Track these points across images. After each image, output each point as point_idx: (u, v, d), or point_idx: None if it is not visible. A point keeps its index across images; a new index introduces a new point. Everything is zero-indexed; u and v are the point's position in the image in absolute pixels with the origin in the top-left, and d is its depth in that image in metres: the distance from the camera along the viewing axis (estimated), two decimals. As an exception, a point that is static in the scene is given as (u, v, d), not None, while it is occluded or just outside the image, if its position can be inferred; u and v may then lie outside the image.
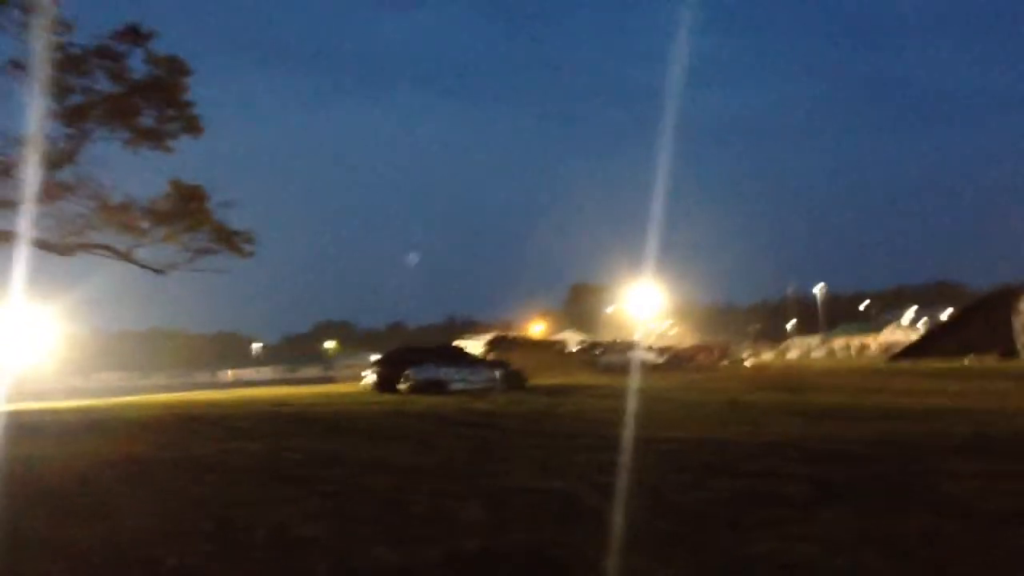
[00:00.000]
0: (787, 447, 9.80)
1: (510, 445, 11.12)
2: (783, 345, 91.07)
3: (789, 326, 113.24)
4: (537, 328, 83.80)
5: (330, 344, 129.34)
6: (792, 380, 27.06)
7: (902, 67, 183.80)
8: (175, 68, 23.03)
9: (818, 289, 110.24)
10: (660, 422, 13.25)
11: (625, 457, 9.44)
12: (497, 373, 25.22)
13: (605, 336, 61.90)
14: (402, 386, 24.18)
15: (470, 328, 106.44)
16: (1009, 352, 34.79)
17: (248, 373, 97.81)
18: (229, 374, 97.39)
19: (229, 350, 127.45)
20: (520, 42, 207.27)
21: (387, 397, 22.56)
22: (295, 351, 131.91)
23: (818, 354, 76.53)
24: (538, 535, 5.76)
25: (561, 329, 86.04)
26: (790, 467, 8.20)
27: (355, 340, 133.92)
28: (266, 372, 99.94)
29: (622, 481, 7.84)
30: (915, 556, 4.97)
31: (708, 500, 6.83)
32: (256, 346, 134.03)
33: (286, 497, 7.71)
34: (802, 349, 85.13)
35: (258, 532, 6.15)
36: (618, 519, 6.22)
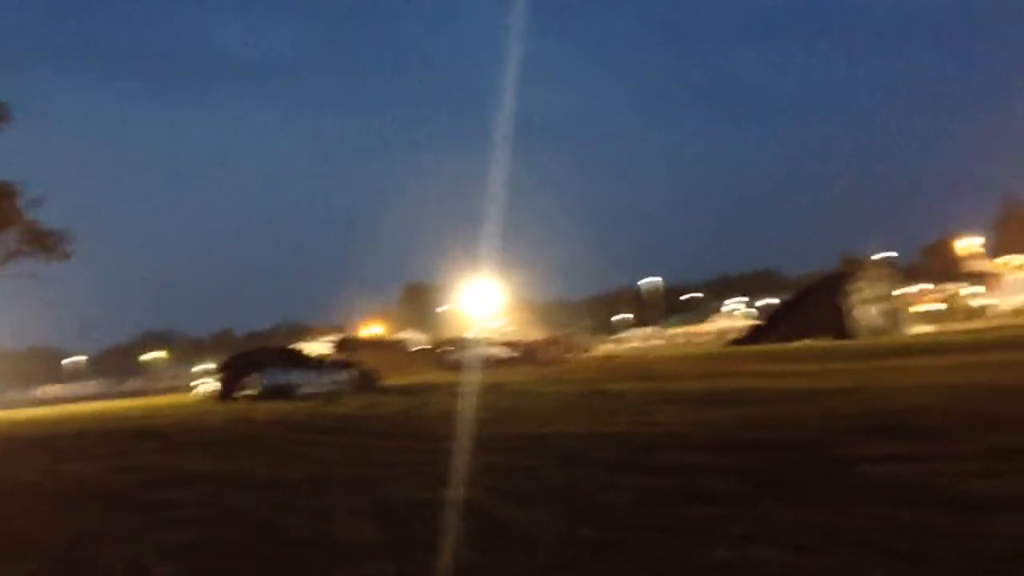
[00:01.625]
0: (683, 437, 9.23)
1: (382, 451, 10.11)
2: (619, 336, 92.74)
3: (619, 318, 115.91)
4: (374, 329, 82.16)
5: (155, 354, 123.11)
6: (644, 369, 27.05)
7: (732, 67, 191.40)
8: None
9: (651, 281, 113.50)
10: (537, 417, 12.54)
11: (518, 457, 8.64)
12: (347, 374, 23.94)
13: (442, 334, 61.08)
14: (246, 393, 22.57)
15: (303, 332, 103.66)
16: (843, 331, 36.22)
17: (69, 388, 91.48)
18: (48, 390, 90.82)
19: (45, 365, 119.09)
20: (348, 43, 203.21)
21: (230, 406, 20.91)
22: (117, 363, 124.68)
23: (655, 343, 78.15)
24: (458, 559, 4.86)
25: (397, 329, 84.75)
26: (700, 458, 7.58)
27: (182, 349, 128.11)
28: (89, 387, 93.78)
29: (525, 485, 7.03)
30: (905, 552, 4.35)
31: (631, 501, 6.10)
32: (74, 359, 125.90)
33: (136, 526, 6.50)
34: (639, 339, 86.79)
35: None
36: (538, 531, 5.40)
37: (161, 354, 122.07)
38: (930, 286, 61.55)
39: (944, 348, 26.06)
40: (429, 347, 42.82)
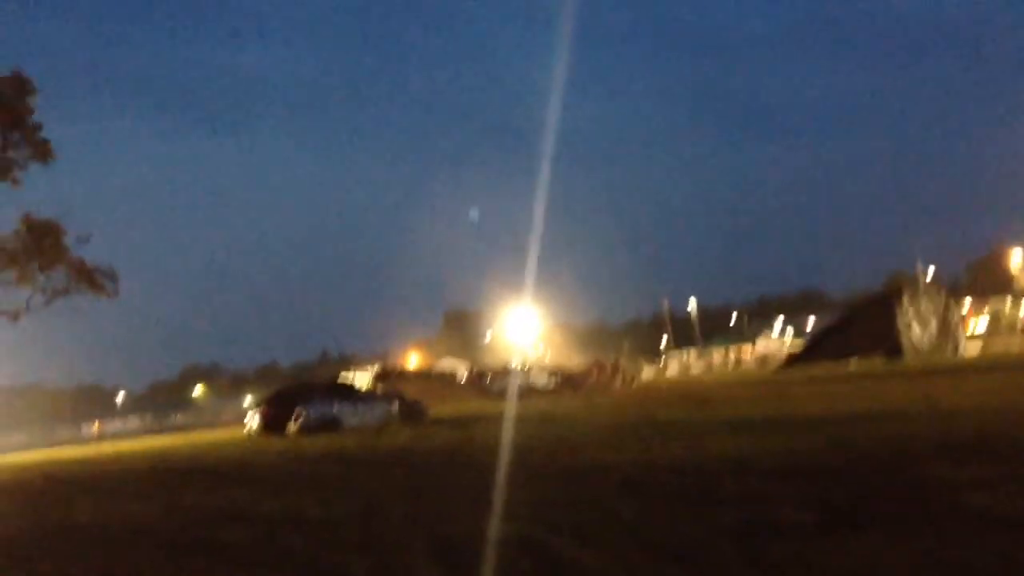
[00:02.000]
0: (749, 465, 8.84)
1: (437, 485, 9.83)
2: (660, 360, 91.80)
3: (663, 342, 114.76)
4: (414, 358, 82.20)
5: (199, 389, 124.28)
6: (693, 395, 26.60)
7: (768, 83, 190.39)
8: (19, 87, 20.57)
9: (691, 304, 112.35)
10: (591, 447, 12.19)
11: (578, 489, 8.32)
12: (394, 406, 23.72)
13: (484, 362, 60.84)
14: (291, 427, 22.40)
15: (346, 363, 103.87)
16: (894, 351, 35.41)
17: (115, 425, 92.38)
18: (95, 427, 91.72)
19: (93, 402, 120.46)
20: (387, 74, 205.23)
21: (277, 440, 20.76)
22: (163, 399, 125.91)
23: (696, 368, 77.28)
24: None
25: (438, 358, 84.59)
26: (773, 488, 7.20)
27: (226, 383, 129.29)
28: (134, 423, 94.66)
29: (591, 518, 6.71)
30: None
31: (711, 535, 5.75)
32: (121, 395, 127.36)
33: (194, 568, 6.28)
34: (680, 364, 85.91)
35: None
36: (616, 571, 5.09)
37: (205, 388, 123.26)
38: (981, 302, 60.16)
39: (1002, 367, 25.37)
40: (472, 376, 42.55)
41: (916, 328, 36.82)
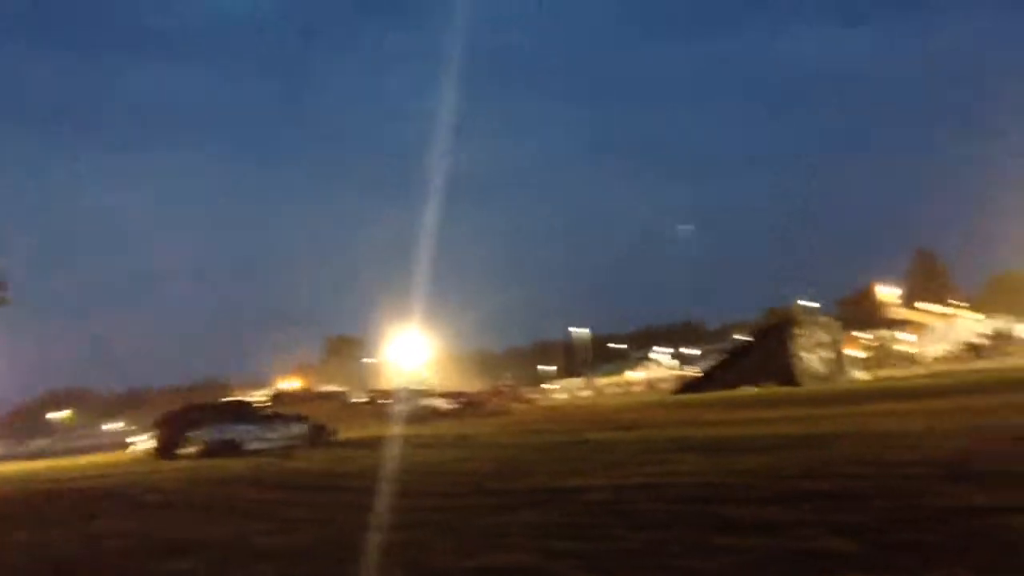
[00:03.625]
0: (730, 488, 8.34)
1: (387, 509, 8.95)
2: (547, 387, 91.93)
3: (545, 369, 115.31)
4: (294, 384, 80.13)
5: (63, 413, 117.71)
6: (604, 418, 26.25)
7: (652, 123, 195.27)
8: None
9: (577, 332, 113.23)
10: (541, 470, 11.52)
11: (559, 515, 7.63)
12: (300, 428, 22.46)
13: (367, 387, 59.44)
14: (188, 450, 20.91)
15: (221, 388, 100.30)
16: (787, 379, 36.02)
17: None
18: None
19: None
20: (275, 97, 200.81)
21: (174, 464, 19.25)
22: (22, 423, 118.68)
23: (585, 394, 77.58)
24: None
25: (320, 383, 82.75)
26: (778, 513, 6.67)
27: (94, 408, 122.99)
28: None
29: (598, 548, 6.05)
30: None
31: (739, 567, 5.16)
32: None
33: None
34: (568, 390, 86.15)
35: None
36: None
37: (68, 413, 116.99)
38: (859, 334, 62.38)
39: (902, 393, 25.89)
40: (368, 400, 41.31)
41: (810, 356, 37.63)
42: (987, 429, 11.75)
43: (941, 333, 57.13)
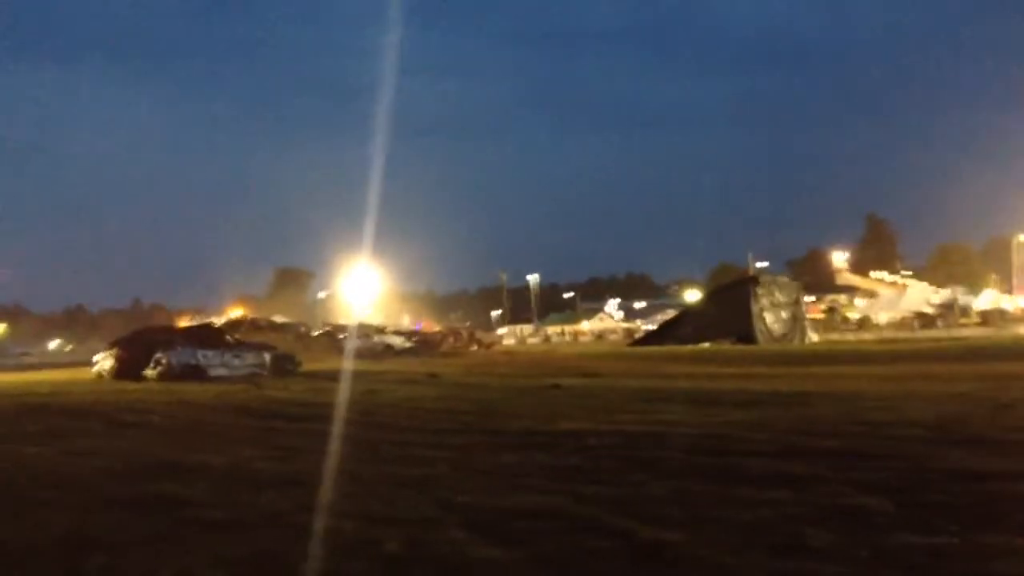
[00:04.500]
0: (729, 440, 8.32)
1: (390, 443, 8.76)
2: (496, 333, 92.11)
3: (495, 314, 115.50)
4: (235, 314, 79.33)
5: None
6: (566, 364, 26.35)
7: (616, 76, 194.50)
8: None
9: (531, 279, 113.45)
10: (527, 412, 11.44)
11: (569, 458, 7.55)
12: (265, 358, 22.15)
13: (316, 321, 58.98)
14: (150, 372, 20.49)
15: (162, 312, 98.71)
16: (745, 338, 36.40)
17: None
18: None
19: None
20: (222, 27, 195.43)
21: (139, 386, 18.86)
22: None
23: (533, 341, 77.87)
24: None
25: (266, 315, 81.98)
26: (800, 469, 6.64)
27: (30, 325, 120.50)
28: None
29: (619, 493, 5.98)
30: None
31: (778, 520, 5.12)
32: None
33: (154, 534, 5.13)
34: (517, 336, 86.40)
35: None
36: (717, 558, 4.39)
37: (6, 328, 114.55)
38: (808, 297, 63.25)
39: (862, 357, 26.37)
40: (323, 333, 40.92)
41: (769, 316, 38.03)
42: (967, 396, 11.91)
43: (890, 301, 58.12)
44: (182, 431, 10.28)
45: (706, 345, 35.69)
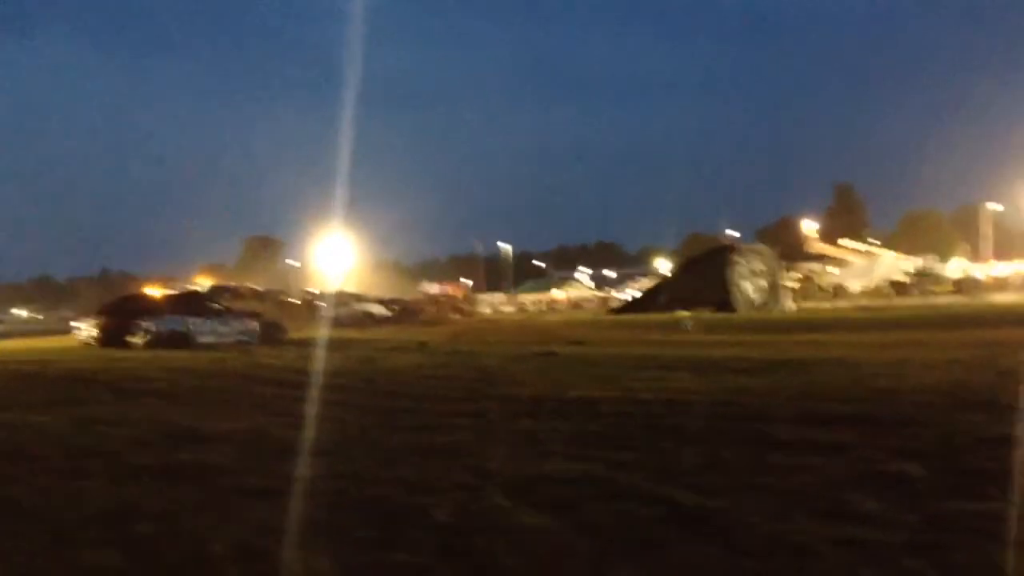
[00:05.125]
0: (745, 407, 8.37)
1: (405, 411, 8.70)
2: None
3: (468, 283, 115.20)
4: (204, 282, 78.73)
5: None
6: (550, 333, 26.39)
7: (582, 45, 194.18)
8: None
9: (504, 248, 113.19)
10: (531, 380, 11.44)
11: (592, 425, 7.57)
12: (253, 325, 21.99)
13: (288, 289, 58.60)
14: (136, 339, 20.29)
15: (129, 280, 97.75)
16: (724, 305, 36.59)
17: None
18: None
19: None
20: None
21: (127, 353, 18.68)
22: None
23: (508, 309, 77.86)
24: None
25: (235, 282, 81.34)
26: (829, 436, 6.66)
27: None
28: None
29: (653, 460, 5.99)
30: None
31: (823, 486, 5.15)
32: None
33: (197, 502, 5.09)
34: (490, 304, 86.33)
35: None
36: (781, 533, 4.40)
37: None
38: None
39: (844, 325, 26.59)
40: (302, 301, 40.66)
41: (747, 284, 38.25)
42: (964, 363, 12.05)
43: (862, 269, 58.70)
44: (191, 398, 10.19)
45: (686, 314, 35.82)
